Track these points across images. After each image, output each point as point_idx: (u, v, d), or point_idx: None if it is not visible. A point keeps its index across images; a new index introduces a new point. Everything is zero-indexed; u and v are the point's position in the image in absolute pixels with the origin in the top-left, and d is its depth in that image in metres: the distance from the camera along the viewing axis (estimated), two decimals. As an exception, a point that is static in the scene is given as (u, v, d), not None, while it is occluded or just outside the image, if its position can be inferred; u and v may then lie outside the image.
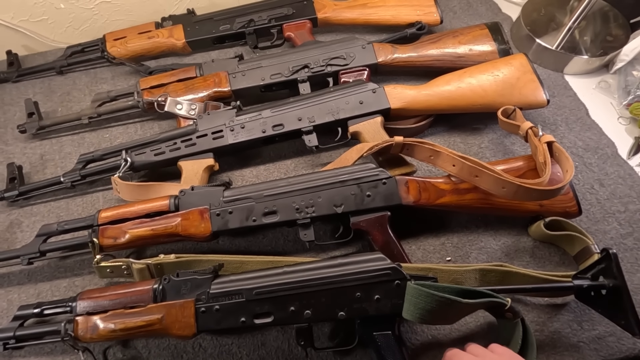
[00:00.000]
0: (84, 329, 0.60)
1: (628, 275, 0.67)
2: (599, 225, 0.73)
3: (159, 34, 1.00)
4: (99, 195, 0.84)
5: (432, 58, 0.89)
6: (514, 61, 0.81)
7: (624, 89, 0.88)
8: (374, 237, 0.68)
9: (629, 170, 0.79)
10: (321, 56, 0.87)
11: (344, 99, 0.80)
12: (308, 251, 0.74)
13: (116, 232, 0.69)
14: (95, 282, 0.74)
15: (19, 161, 0.88)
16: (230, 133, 0.79)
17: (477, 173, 0.65)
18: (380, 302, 0.57)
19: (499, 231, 0.74)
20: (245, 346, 0.66)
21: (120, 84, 1.01)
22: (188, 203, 0.70)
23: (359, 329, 0.60)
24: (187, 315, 0.60)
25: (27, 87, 1.02)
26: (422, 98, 0.81)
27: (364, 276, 0.58)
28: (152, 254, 0.74)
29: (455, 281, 0.65)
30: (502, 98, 0.79)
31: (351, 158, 0.74)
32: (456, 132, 0.86)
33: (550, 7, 0.99)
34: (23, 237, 0.80)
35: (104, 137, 0.92)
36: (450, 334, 0.65)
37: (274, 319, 0.58)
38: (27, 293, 0.74)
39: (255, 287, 0.59)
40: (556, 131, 0.85)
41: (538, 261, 0.70)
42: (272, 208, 0.68)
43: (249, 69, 0.88)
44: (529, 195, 0.64)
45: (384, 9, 0.98)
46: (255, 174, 0.84)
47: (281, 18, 0.98)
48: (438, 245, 0.73)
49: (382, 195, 0.68)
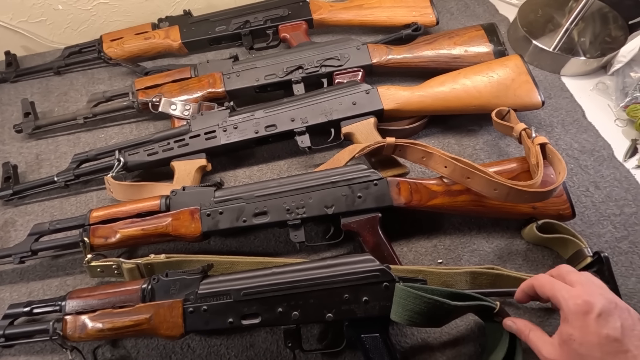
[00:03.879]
0: (73, 328, 0.60)
1: (622, 279, 0.66)
2: (594, 228, 0.72)
3: (155, 35, 1.00)
4: (93, 195, 0.85)
5: (427, 59, 0.88)
6: (509, 62, 0.81)
7: (621, 91, 0.87)
8: (365, 238, 0.67)
9: (625, 173, 0.78)
10: (315, 57, 0.87)
11: (337, 99, 0.79)
12: (299, 252, 0.74)
13: (107, 232, 0.69)
14: (87, 281, 0.74)
15: (15, 160, 0.89)
16: (223, 133, 0.79)
17: (468, 175, 0.65)
18: (369, 304, 0.57)
19: (492, 233, 0.73)
20: (234, 347, 0.66)
21: (117, 85, 1.01)
22: (179, 203, 0.70)
23: (347, 331, 0.59)
24: (175, 316, 0.59)
25: (25, 87, 1.03)
26: (416, 99, 0.80)
27: (352, 278, 0.57)
28: (144, 253, 0.74)
29: (445, 284, 0.64)
30: (497, 99, 0.78)
31: (343, 159, 0.74)
32: (450, 134, 0.86)
33: (548, 8, 0.99)
34: (17, 235, 0.81)
35: (99, 137, 0.93)
36: (441, 337, 0.64)
37: (262, 320, 0.58)
38: (19, 292, 0.74)
39: (243, 287, 0.58)
40: (552, 133, 0.84)
41: (531, 264, 0.69)
42: (262, 209, 0.68)
43: (244, 69, 0.88)
44: (521, 197, 0.63)
45: (379, 10, 0.98)
46: (249, 175, 0.84)
47: (277, 19, 0.98)
48: (430, 247, 0.72)
49: (373, 197, 0.67)
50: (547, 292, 0.47)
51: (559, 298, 0.45)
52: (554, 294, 0.46)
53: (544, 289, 0.48)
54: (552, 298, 0.46)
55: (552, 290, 0.46)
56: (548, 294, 0.47)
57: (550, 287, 0.47)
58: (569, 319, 0.43)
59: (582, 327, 0.42)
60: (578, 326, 0.42)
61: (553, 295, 0.46)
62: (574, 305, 0.43)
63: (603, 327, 0.41)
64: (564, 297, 0.44)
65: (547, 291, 0.47)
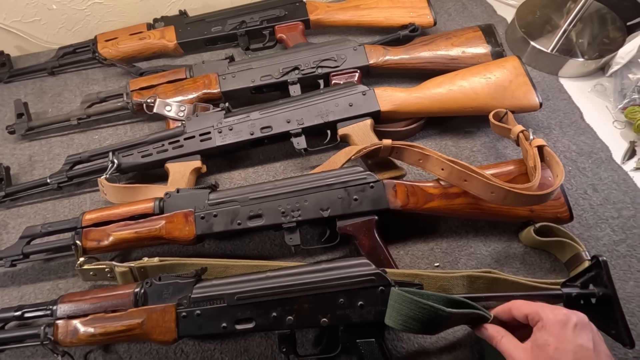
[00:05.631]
0: (64, 332, 0.59)
1: (620, 283, 0.66)
2: (592, 232, 0.72)
3: (150, 35, 0.99)
4: (86, 197, 0.84)
5: (424, 60, 0.88)
6: (506, 64, 0.80)
7: (619, 93, 0.87)
8: (361, 241, 0.67)
9: (623, 175, 0.77)
10: (312, 58, 0.86)
11: (333, 101, 0.79)
12: (294, 255, 0.73)
13: (100, 235, 0.69)
14: (79, 285, 0.73)
15: (8, 162, 0.88)
16: (218, 135, 0.79)
17: (466, 177, 0.64)
18: (364, 308, 0.56)
19: (489, 237, 0.72)
20: (228, 352, 0.65)
21: (111, 85, 1.00)
22: (173, 206, 0.69)
23: (342, 335, 0.58)
24: (167, 320, 0.58)
25: (19, 88, 1.02)
26: (413, 101, 0.79)
27: (348, 282, 0.56)
28: (137, 256, 0.73)
29: (442, 288, 0.63)
30: (494, 101, 0.78)
31: (339, 161, 0.73)
32: (448, 135, 0.85)
33: (546, 9, 0.98)
34: (9, 238, 0.79)
35: (93, 139, 0.92)
36: (437, 342, 0.63)
37: (256, 325, 0.57)
38: (10, 295, 0.73)
39: (237, 292, 0.58)
40: (550, 135, 0.83)
41: (528, 268, 0.69)
42: (257, 211, 0.67)
43: (239, 70, 0.87)
44: (518, 200, 0.62)
45: (376, 10, 0.97)
46: (244, 177, 0.84)
47: (273, 20, 0.97)
48: (427, 250, 0.72)
49: (369, 199, 0.67)
50: (525, 310, 0.51)
51: (538, 311, 0.49)
52: (535, 309, 0.50)
53: (521, 308, 0.51)
54: (531, 313, 0.50)
55: (532, 306, 0.50)
56: (527, 310, 0.51)
57: (528, 305, 0.51)
58: (548, 326, 0.48)
59: (559, 335, 0.47)
60: (555, 334, 0.47)
61: (533, 311, 0.50)
62: (554, 316, 0.48)
63: (578, 337, 0.47)
64: (544, 311, 0.49)
65: (525, 309, 0.51)
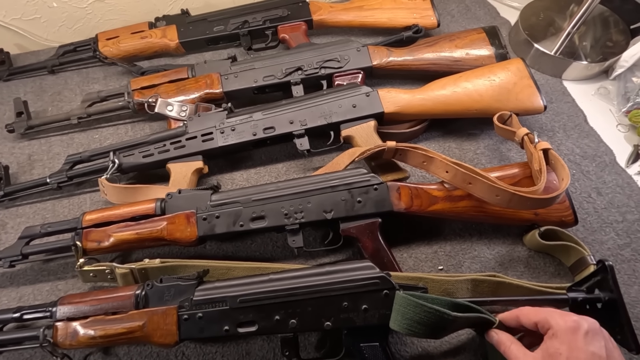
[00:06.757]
0: (64, 335, 0.59)
1: (625, 288, 0.65)
2: (596, 235, 0.71)
3: (152, 34, 0.98)
4: (86, 197, 0.83)
5: (428, 62, 0.87)
6: (510, 66, 0.80)
7: (623, 96, 0.87)
8: (364, 244, 0.66)
9: (627, 179, 0.77)
10: (315, 58, 0.85)
11: (337, 102, 0.78)
12: (297, 258, 0.72)
13: (100, 236, 0.68)
14: (79, 286, 0.72)
15: (7, 161, 0.87)
16: (220, 135, 0.78)
17: (470, 180, 0.64)
18: (368, 312, 0.55)
19: (494, 240, 0.72)
20: (229, 355, 0.64)
21: (112, 84, 1.00)
22: (174, 207, 0.69)
23: (346, 339, 0.58)
24: (169, 323, 0.58)
25: (19, 86, 1.01)
26: (417, 102, 0.79)
27: (351, 285, 0.56)
28: (138, 258, 0.72)
29: (446, 291, 0.63)
30: (499, 103, 0.77)
31: (342, 163, 0.73)
32: (451, 138, 0.85)
33: (550, 12, 0.98)
34: (7, 238, 0.79)
35: (93, 138, 0.91)
36: (441, 346, 0.63)
37: (258, 328, 0.57)
38: (9, 296, 0.72)
39: (240, 294, 0.57)
40: (553, 138, 0.83)
41: (533, 271, 0.68)
42: (260, 213, 0.66)
43: (242, 70, 0.86)
44: (524, 204, 0.62)
45: (380, 11, 0.97)
46: (246, 178, 0.83)
47: (276, 19, 0.97)
48: (430, 253, 0.71)
49: (373, 202, 0.66)
50: (533, 318, 0.50)
51: (548, 318, 0.48)
52: (544, 316, 0.48)
53: (530, 316, 0.50)
54: (540, 321, 0.49)
55: (540, 313, 0.49)
56: (535, 318, 0.49)
57: (537, 312, 0.50)
58: (558, 334, 0.46)
59: (570, 343, 0.45)
60: (567, 341, 0.45)
61: (542, 318, 0.49)
62: (564, 323, 0.46)
63: (590, 344, 0.45)
64: (553, 317, 0.47)
65: (533, 317, 0.50)
